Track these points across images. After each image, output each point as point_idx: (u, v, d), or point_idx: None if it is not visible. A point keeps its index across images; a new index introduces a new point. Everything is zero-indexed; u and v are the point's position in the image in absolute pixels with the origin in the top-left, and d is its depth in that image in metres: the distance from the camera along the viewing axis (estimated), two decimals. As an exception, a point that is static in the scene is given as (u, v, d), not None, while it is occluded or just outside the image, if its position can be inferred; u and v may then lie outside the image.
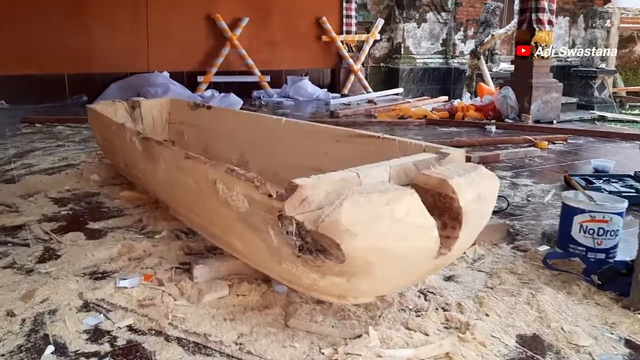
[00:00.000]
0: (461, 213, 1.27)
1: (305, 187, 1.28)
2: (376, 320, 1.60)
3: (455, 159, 1.55)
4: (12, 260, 2.02)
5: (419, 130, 5.17)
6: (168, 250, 2.10)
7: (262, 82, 7.68)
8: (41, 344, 1.47)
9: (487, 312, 1.66)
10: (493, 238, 2.19)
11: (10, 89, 6.49)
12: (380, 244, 1.19)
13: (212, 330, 1.53)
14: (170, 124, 3.28)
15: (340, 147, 2.05)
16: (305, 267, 1.34)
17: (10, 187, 3.01)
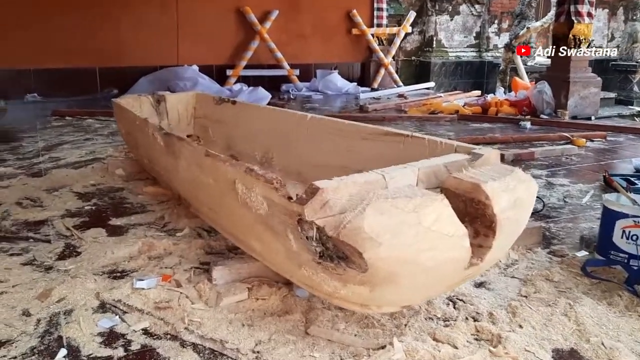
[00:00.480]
0: (495, 221, 1.17)
1: (326, 190, 1.20)
2: (401, 330, 1.52)
3: (489, 160, 1.44)
4: (32, 257, 1.99)
5: (450, 125, 5.03)
6: (188, 249, 2.05)
7: (291, 76, 7.61)
8: (54, 347, 1.43)
9: (520, 323, 1.56)
10: (528, 242, 2.08)
11: (44, 83, 6.57)
12: (406, 253, 1.10)
13: (229, 337, 1.46)
14: (196, 118, 3.23)
15: (367, 145, 1.96)
16: (325, 274, 1.26)
17: (37, 180, 3.01)
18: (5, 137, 4.15)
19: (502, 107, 5.43)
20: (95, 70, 6.89)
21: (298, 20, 7.84)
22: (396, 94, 7.23)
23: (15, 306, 1.63)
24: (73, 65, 6.68)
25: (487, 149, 1.49)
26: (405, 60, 9.81)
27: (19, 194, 2.76)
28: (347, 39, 8.25)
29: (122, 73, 6.90)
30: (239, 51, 7.46)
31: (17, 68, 6.44)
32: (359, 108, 5.96)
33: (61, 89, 6.55)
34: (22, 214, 2.46)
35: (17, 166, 3.34)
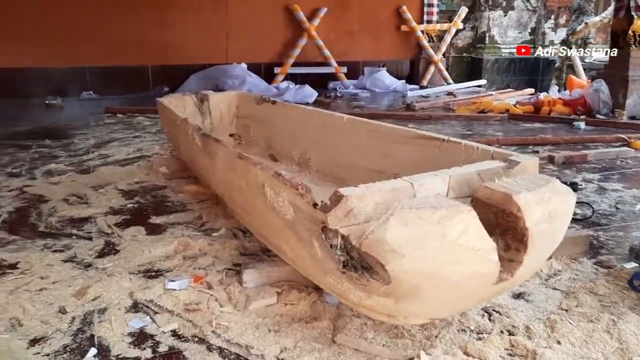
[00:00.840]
0: (527, 235, 1.11)
1: (351, 198, 1.17)
2: (432, 342, 1.47)
3: (527, 168, 1.37)
4: (73, 254, 2.05)
5: (500, 125, 4.88)
6: (223, 249, 2.06)
7: (339, 74, 7.58)
8: (86, 345, 1.46)
9: (559, 339, 1.48)
10: (572, 252, 1.98)
11: (98, 80, 6.79)
12: (430, 267, 1.06)
13: (254, 342, 1.46)
14: (238, 118, 3.25)
15: (402, 148, 1.91)
16: (350, 283, 1.23)
17: (85, 177, 3.10)
18: (58, 134, 4.30)
19: (556, 107, 5.23)
20: (147, 68, 7.06)
21: (346, 17, 7.80)
22: (445, 92, 7.08)
23: (53, 303, 1.68)
24: (126, 63, 6.86)
25: (525, 156, 1.42)
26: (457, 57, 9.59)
27: (67, 190, 2.84)
28: (396, 36, 8.14)
29: (173, 71, 7.04)
30: (287, 49, 7.49)
31: (74, 66, 6.67)
32: (406, 106, 5.87)
33: (115, 87, 6.74)
34: (67, 210, 2.53)
35: (67, 163, 3.45)
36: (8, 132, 4.42)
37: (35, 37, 6.36)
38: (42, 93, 6.32)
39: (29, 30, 6.33)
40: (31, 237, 2.22)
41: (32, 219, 2.43)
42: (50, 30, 6.42)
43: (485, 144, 3.85)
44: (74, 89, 6.65)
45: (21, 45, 6.31)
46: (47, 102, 6.03)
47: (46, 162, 3.46)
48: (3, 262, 1.97)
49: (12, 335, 1.50)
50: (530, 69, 9.60)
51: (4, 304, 1.66)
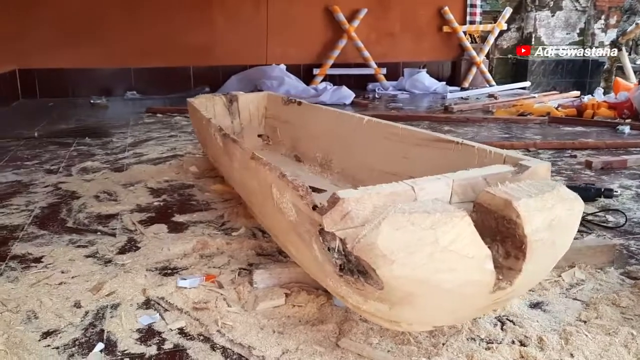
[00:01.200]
0: (525, 242, 1.07)
1: (348, 201, 1.15)
2: (438, 349, 1.43)
3: (537, 173, 1.32)
4: (95, 250, 2.10)
5: (539, 129, 4.74)
6: (240, 249, 2.07)
7: (378, 75, 7.53)
8: (95, 340, 1.49)
9: (572, 351, 1.42)
10: (598, 261, 1.90)
11: (142, 81, 6.97)
12: (421, 273, 1.03)
13: (257, 343, 1.45)
14: (267, 118, 3.27)
15: (419, 151, 1.87)
16: (348, 287, 1.21)
17: (117, 175, 3.18)
18: (99, 133, 4.43)
19: (600, 110, 5.03)
20: (189, 69, 7.19)
21: (387, 18, 7.74)
22: (486, 94, 6.94)
23: (69, 297, 1.72)
24: (169, 64, 7.02)
25: (537, 161, 1.36)
26: (501, 58, 9.40)
27: (99, 187, 2.92)
28: (438, 37, 8.03)
29: (214, 72, 7.16)
30: (326, 50, 7.50)
31: (119, 67, 6.87)
32: (444, 108, 5.77)
33: (158, 87, 6.90)
34: (96, 207, 2.60)
35: (103, 160, 3.55)
36: (52, 130, 4.59)
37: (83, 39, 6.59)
38: (88, 92, 6.55)
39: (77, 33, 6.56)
40: (59, 232, 2.29)
41: (62, 214, 2.50)
42: (97, 33, 6.64)
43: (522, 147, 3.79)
44: (119, 89, 6.85)
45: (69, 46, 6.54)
46: (92, 101, 6.23)
47: (83, 159, 3.57)
48: (29, 255, 2.04)
49: (26, 327, 1.54)
50: (579, 71, 9.30)
51: (24, 296, 1.72)
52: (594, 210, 2.51)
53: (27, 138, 4.24)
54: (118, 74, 6.90)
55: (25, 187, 2.94)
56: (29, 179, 3.10)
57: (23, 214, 2.50)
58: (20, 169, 3.31)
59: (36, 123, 4.89)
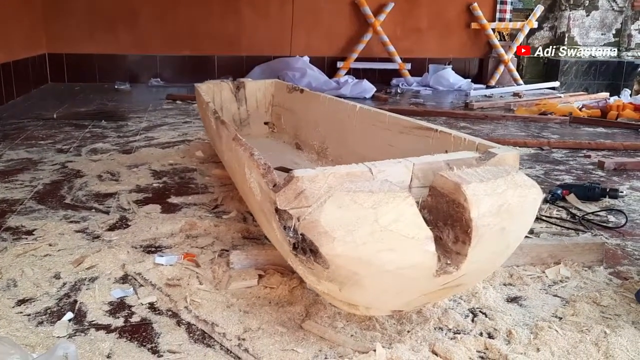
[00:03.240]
0: (471, 226, 1.04)
1: (302, 179, 1.14)
2: (402, 336, 1.42)
3: (505, 160, 1.29)
4: (86, 226, 2.14)
5: (559, 128, 4.63)
6: (227, 231, 2.08)
7: (402, 70, 7.45)
8: (66, 310, 1.52)
9: (539, 346, 1.39)
10: (585, 259, 1.85)
11: (167, 68, 7.06)
12: (362, 253, 1.01)
13: (220, 321, 1.46)
14: (273, 106, 3.27)
15: (403, 138, 1.85)
16: (302, 267, 1.21)
17: (124, 157, 3.23)
18: (115, 117, 4.51)
19: (624, 112, 4.88)
20: (214, 58, 7.24)
21: (414, 13, 7.66)
22: (511, 93, 6.80)
23: (51, 268, 1.76)
24: (195, 52, 7.09)
25: (506, 148, 1.33)
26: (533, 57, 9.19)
27: (104, 167, 2.97)
28: (465, 34, 7.90)
29: (238, 61, 7.20)
30: (351, 44, 7.45)
31: (145, 54, 6.96)
32: (464, 105, 5.69)
33: (182, 75, 6.99)
34: (97, 186, 2.65)
35: (114, 143, 3.61)
36: (71, 112, 4.69)
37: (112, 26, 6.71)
38: (114, 78, 6.65)
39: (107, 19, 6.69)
40: (55, 207, 2.34)
41: (63, 191, 2.56)
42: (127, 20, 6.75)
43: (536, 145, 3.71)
44: (144, 75, 6.95)
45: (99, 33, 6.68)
46: (116, 86, 6.34)
47: (95, 141, 3.64)
48: (22, 227, 2.10)
49: (3, 294, 1.58)
50: (613, 72, 9.04)
51: (7, 265, 1.76)
52: (596, 210, 2.44)
53: (46, 119, 4.34)
54: (144, 60, 7.00)
55: (33, 164, 3.02)
56: (39, 157, 3.18)
57: (25, 189, 2.56)
58: (33, 148, 3.39)
59: (59, 105, 5.01)
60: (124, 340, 1.39)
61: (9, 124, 4.13)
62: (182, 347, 1.36)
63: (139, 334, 1.42)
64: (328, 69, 7.28)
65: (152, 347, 1.36)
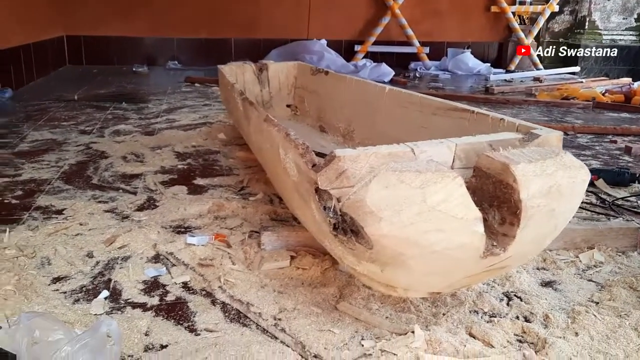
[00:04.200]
0: (520, 207, 1.02)
1: (344, 159, 1.13)
2: (437, 319, 1.41)
3: (548, 142, 1.26)
4: (115, 206, 2.15)
5: (582, 113, 4.56)
6: (254, 213, 2.08)
7: (421, 54, 7.38)
8: (101, 288, 1.53)
9: (577, 330, 1.37)
10: (619, 244, 1.83)
11: (184, 51, 7.04)
12: (409, 233, 1.00)
13: (256, 301, 1.46)
14: (296, 88, 3.25)
15: (436, 120, 1.83)
16: (342, 247, 1.20)
17: (147, 139, 3.23)
18: (136, 99, 4.52)
19: (649, 97, 4.81)
20: (231, 41, 7.21)
21: (433, -4, 7.56)
22: (531, 78, 6.71)
23: (83, 247, 1.77)
24: (212, 35, 7.06)
25: (549, 130, 1.31)
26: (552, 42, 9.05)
27: (128, 149, 2.98)
28: (485, 17, 7.79)
29: (255, 44, 7.16)
30: (368, 27, 7.38)
31: (163, 37, 6.95)
32: (484, 89, 5.62)
33: (199, 58, 6.97)
34: (122, 167, 2.66)
35: (136, 125, 3.61)
36: (92, 94, 4.70)
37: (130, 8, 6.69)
38: (132, 61, 6.65)
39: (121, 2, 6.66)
40: (83, 188, 2.35)
41: (89, 172, 2.57)
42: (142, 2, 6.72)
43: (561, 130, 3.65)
44: (162, 58, 6.94)
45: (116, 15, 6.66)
46: (134, 69, 6.34)
47: (117, 123, 3.65)
48: (51, 207, 2.11)
49: (38, 272, 1.60)
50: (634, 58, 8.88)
51: (40, 244, 1.78)
52: (626, 195, 2.41)
53: (67, 100, 4.35)
54: (162, 43, 6.98)
55: (58, 145, 3.03)
56: (63, 138, 3.19)
57: (52, 170, 2.57)
58: (56, 129, 3.41)
59: (78, 87, 5.02)
60: (160, 318, 1.39)
61: (31, 105, 4.15)
62: (218, 326, 1.37)
63: (175, 313, 1.42)
64: (345, 53, 7.22)
65: (188, 326, 1.36)
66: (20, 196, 2.22)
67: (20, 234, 1.83)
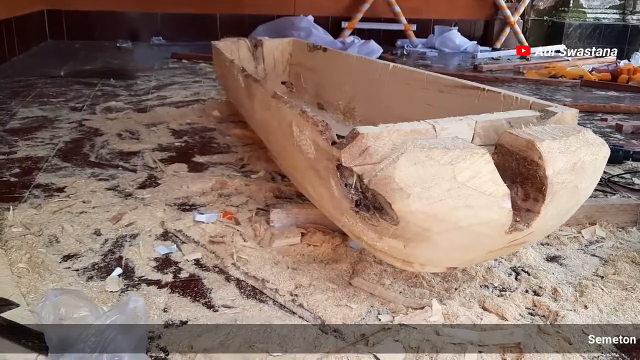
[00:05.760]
0: (546, 184, 1.04)
1: (367, 136, 1.13)
2: (450, 293, 1.44)
3: (564, 119, 1.28)
4: (116, 184, 2.13)
5: (571, 92, 4.62)
6: (258, 190, 2.08)
7: (408, 31, 7.36)
8: (113, 265, 1.52)
9: (586, 303, 1.41)
10: (620, 220, 1.87)
11: (169, 27, 6.92)
12: (437, 209, 1.02)
13: (271, 277, 1.47)
14: (291, 65, 3.23)
15: (444, 98, 1.84)
16: (363, 224, 1.21)
17: (141, 115, 3.19)
18: (123, 75, 4.44)
19: (635, 75, 4.87)
20: (216, 16, 7.10)
21: (420, -28, 7.52)
22: (518, 56, 6.74)
23: (90, 225, 1.76)
24: (196, 11, 6.94)
25: (564, 107, 1.33)
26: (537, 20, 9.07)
27: (122, 126, 2.94)
28: (472, -6, 7.79)
29: (241, 20, 7.06)
30: (356, 3, 7.32)
31: (146, 11, 6.81)
32: (473, 67, 5.65)
33: (184, 34, 6.86)
34: (119, 144, 2.63)
35: (127, 101, 3.56)
36: (77, 70, 4.61)
37: (111, -19, 6.55)
38: (115, 36, 6.52)
39: (105, -26, 6.52)
40: (81, 165, 2.32)
41: (85, 149, 2.53)
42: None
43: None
44: (145, 33, 6.81)
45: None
46: (118, 44, 6.22)
47: (107, 99, 3.59)
48: (52, 185, 2.08)
49: (48, 250, 1.58)
50: (617, 36, 8.96)
51: (46, 222, 1.76)
52: (620, 172, 2.46)
53: (53, 77, 4.26)
54: (145, 18, 6.85)
55: (50, 122, 2.98)
56: (54, 115, 3.13)
57: (47, 147, 2.53)
58: (45, 105, 3.34)
59: (63, 63, 4.91)
60: (176, 295, 1.40)
61: (16, 81, 4.06)
62: (235, 302, 1.37)
63: (191, 289, 1.43)
64: (332, 29, 7.16)
65: (206, 302, 1.37)
66: (19, 174, 2.19)
67: (24, 212, 1.81)
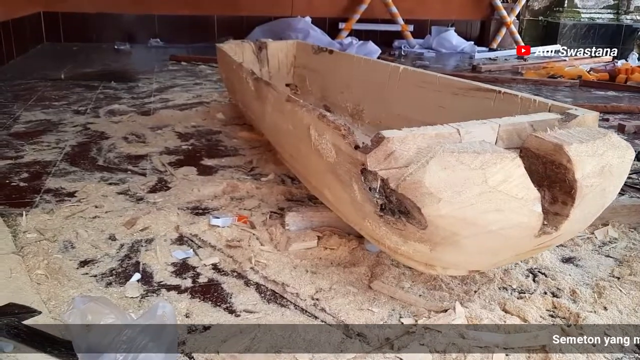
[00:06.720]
0: (575, 187, 1.05)
1: (392, 141, 1.14)
2: (470, 296, 1.44)
3: (585, 121, 1.29)
4: (127, 188, 2.12)
5: (570, 92, 4.64)
6: (270, 194, 2.08)
7: (405, 32, 7.37)
8: (131, 270, 1.52)
9: (606, 305, 1.42)
10: (631, 220, 1.88)
11: (167, 28, 6.90)
12: (468, 213, 1.02)
13: (291, 281, 1.47)
14: (295, 67, 3.23)
15: (457, 100, 1.84)
16: (387, 228, 1.21)
17: (145, 119, 3.18)
18: (124, 78, 4.43)
19: (633, 75, 4.90)
20: (213, 18, 7.09)
21: (417, -27, 7.54)
22: (515, 56, 6.77)
23: (104, 230, 1.75)
24: (194, 12, 6.93)
25: (584, 110, 1.34)
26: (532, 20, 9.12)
27: (127, 129, 2.93)
28: (468, -5, 7.82)
29: (238, 22, 7.06)
30: (353, 4, 7.33)
31: (144, 13, 6.79)
32: (472, 68, 5.66)
33: (181, 36, 6.85)
34: (126, 148, 2.62)
35: (130, 104, 3.55)
36: (78, 73, 4.59)
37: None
38: (112, 38, 6.51)
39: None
40: (90, 169, 2.31)
41: (92, 153, 2.52)
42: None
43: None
44: (143, 35, 6.80)
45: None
46: (116, 47, 6.20)
47: (110, 102, 3.58)
48: (62, 189, 2.07)
49: (64, 256, 1.58)
50: (611, 36, 9.01)
51: (60, 227, 1.75)
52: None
53: (53, 79, 4.25)
54: (142, 20, 6.83)
55: (54, 125, 2.97)
56: (58, 118, 3.12)
57: (54, 151, 2.52)
58: (48, 109, 3.33)
59: (62, 66, 4.89)
60: (197, 300, 1.39)
61: (17, 84, 4.04)
62: (257, 307, 1.37)
63: (211, 294, 1.42)
64: (330, 30, 7.17)
65: (227, 307, 1.37)
66: (28, 179, 2.18)
67: (37, 217, 1.80)
